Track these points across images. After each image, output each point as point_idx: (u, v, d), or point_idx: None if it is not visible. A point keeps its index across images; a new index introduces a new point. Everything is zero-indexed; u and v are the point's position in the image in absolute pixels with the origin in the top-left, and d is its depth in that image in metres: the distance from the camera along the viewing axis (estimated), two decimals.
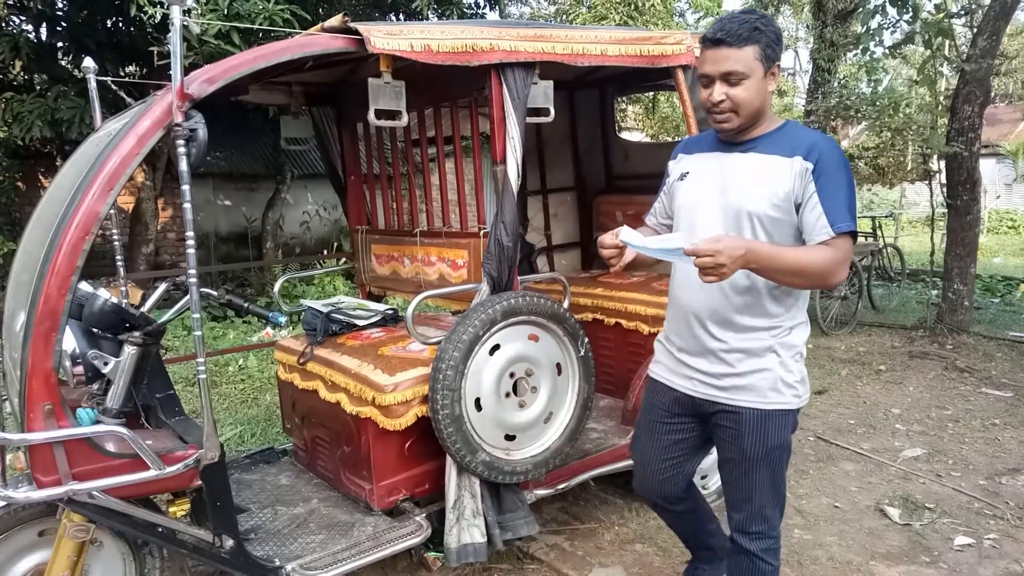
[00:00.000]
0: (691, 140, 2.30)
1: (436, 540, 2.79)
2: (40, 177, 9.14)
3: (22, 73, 8.23)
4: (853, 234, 1.90)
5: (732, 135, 2.03)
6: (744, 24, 1.89)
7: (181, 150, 2.06)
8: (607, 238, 2.00)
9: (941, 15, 6.25)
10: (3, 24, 7.17)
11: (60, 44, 8.00)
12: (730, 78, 1.92)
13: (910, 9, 6.28)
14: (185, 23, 2.06)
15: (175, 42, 2.02)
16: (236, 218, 10.62)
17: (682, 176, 2.18)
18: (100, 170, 2.02)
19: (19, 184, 8.51)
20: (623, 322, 3.60)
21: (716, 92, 1.95)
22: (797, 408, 2.08)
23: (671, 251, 1.84)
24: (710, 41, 1.93)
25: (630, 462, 3.16)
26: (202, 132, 2.09)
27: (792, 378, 2.05)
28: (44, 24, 7.75)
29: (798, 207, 1.92)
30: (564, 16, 12.96)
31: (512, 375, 2.73)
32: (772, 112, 2.03)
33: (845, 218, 1.87)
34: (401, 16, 8.71)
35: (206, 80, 2.08)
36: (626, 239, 1.94)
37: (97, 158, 2.07)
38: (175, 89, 2.04)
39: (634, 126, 16.52)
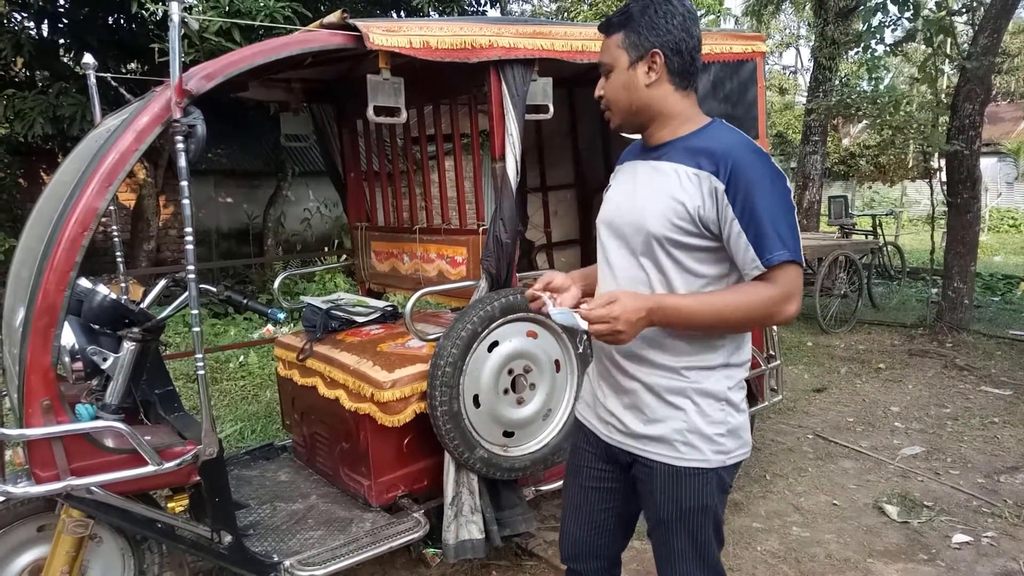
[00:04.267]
0: (631, 145, 1.88)
1: (434, 536, 2.80)
2: (42, 174, 9.14)
3: (24, 70, 8.23)
4: (799, 263, 1.52)
5: (647, 140, 1.72)
6: (619, 10, 1.66)
7: (180, 146, 2.06)
8: (534, 291, 1.71)
9: (942, 12, 6.24)
10: (5, 21, 7.17)
11: (61, 41, 8.01)
12: (601, 70, 1.69)
13: (911, 7, 6.28)
14: (184, 19, 2.06)
15: (173, 38, 2.02)
16: (237, 215, 10.62)
17: (606, 189, 1.85)
18: (99, 166, 2.03)
19: (21, 181, 8.52)
20: None
21: (598, 87, 1.73)
22: (719, 467, 1.66)
23: (567, 316, 1.54)
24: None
25: None
26: (201, 128, 2.09)
27: (712, 430, 1.65)
28: (46, 21, 7.75)
29: (719, 232, 1.56)
30: (565, 13, 12.97)
31: (511, 372, 2.73)
32: (693, 111, 1.69)
33: (776, 246, 1.50)
34: (402, 13, 8.70)
35: (204, 76, 2.09)
36: (549, 309, 1.60)
37: (96, 154, 2.07)
38: (173, 85, 2.04)
39: None
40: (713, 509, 1.70)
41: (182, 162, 2.08)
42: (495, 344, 2.69)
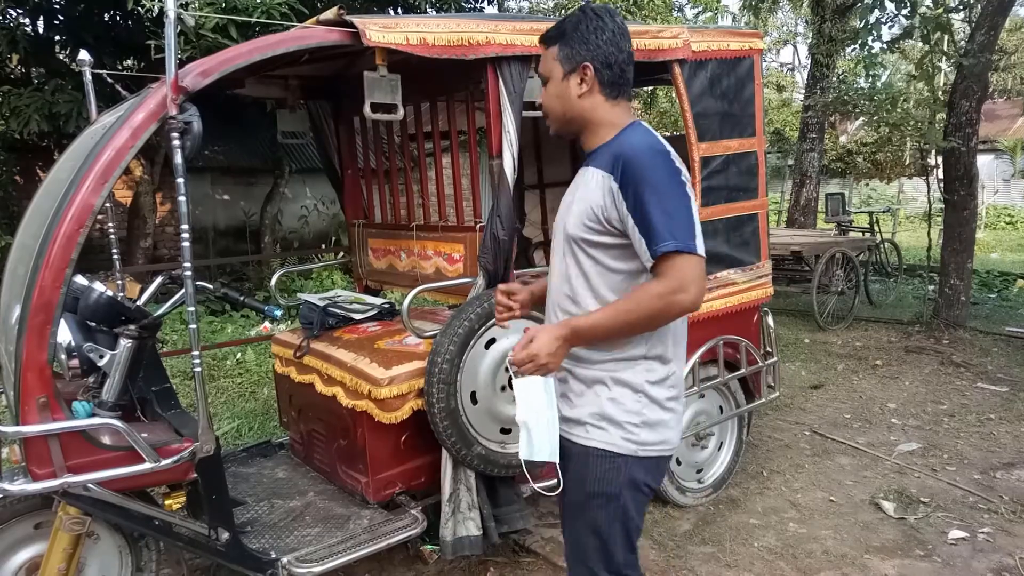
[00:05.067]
0: None
1: (432, 533, 2.80)
2: (38, 171, 9.11)
3: (19, 67, 8.21)
4: (690, 252, 1.55)
5: (584, 147, 1.80)
6: (555, 24, 1.76)
7: (176, 143, 2.06)
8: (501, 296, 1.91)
9: (939, 10, 6.24)
10: (0, 17, 7.15)
11: (57, 38, 7.97)
12: (540, 80, 1.81)
13: (908, 4, 6.28)
14: (180, 16, 2.05)
15: (169, 34, 2.01)
16: (234, 212, 10.60)
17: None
18: (94, 163, 2.02)
19: (17, 178, 8.50)
20: None
21: (537, 95, 1.82)
22: (629, 455, 1.70)
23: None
24: None
25: None
26: (197, 125, 2.09)
27: (624, 417, 1.70)
28: (41, 17, 7.73)
29: (624, 229, 1.64)
30: (563, 10, 12.94)
31: (507, 368, 2.73)
32: (622, 119, 1.74)
33: (663, 237, 1.54)
34: (399, 10, 8.68)
35: (200, 73, 2.08)
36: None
37: (91, 151, 2.07)
38: (169, 82, 2.04)
39: None
40: (619, 502, 1.72)
41: (178, 159, 2.07)
42: (492, 341, 2.69)
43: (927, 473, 3.85)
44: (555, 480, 1.80)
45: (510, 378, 2.73)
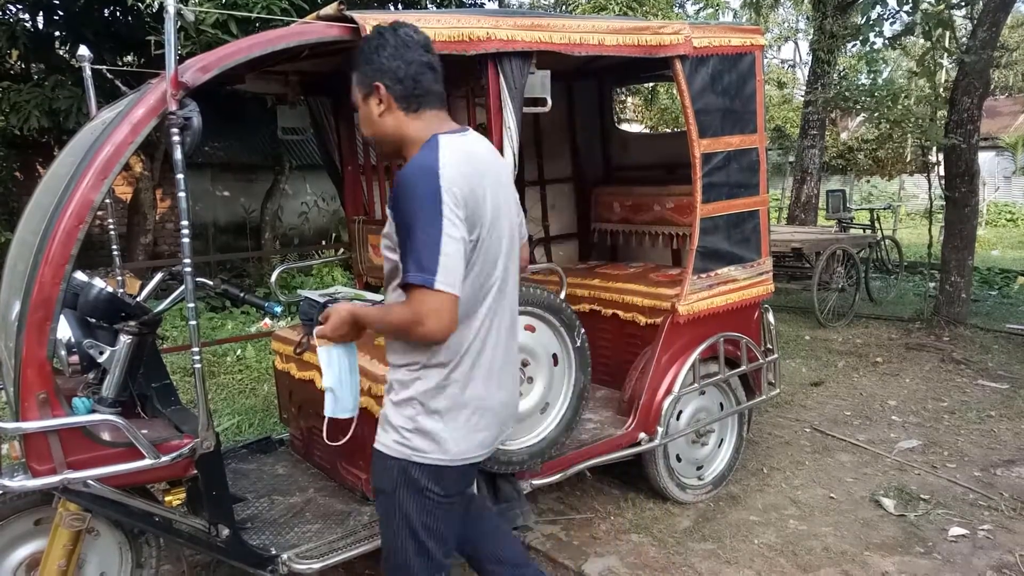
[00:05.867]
0: None
1: None
2: (38, 167, 9.10)
3: (19, 63, 8.19)
4: (428, 286, 1.58)
5: None
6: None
7: (175, 139, 2.05)
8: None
9: (941, 6, 6.23)
10: (1, 13, 7.14)
11: (57, 33, 7.96)
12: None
13: (910, 0, 6.27)
14: (180, 11, 2.04)
15: (169, 30, 2.00)
16: (234, 208, 10.60)
17: None
18: (94, 159, 2.01)
19: (16, 174, 8.49)
20: (620, 313, 3.61)
21: None
22: (402, 459, 1.76)
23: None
24: None
25: (626, 452, 3.19)
26: (197, 121, 2.08)
27: (397, 421, 1.77)
28: (41, 13, 7.71)
29: None
30: (563, 6, 12.91)
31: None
32: (427, 131, 1.76)
33: (410, 268, 1.60)
34: (399, 6, 8.66)
35: (200, 68, 2.07)
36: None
37: (91, 147, 2.06)
38: (169, 77, 2.03)
39: (633, 117, 16.49)
40: (395, 501, 1.79)
41: (178, 155, 2.07)
42: None
43: (927, 470, 3.85)
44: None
45: None
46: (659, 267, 4.01)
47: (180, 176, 2.07)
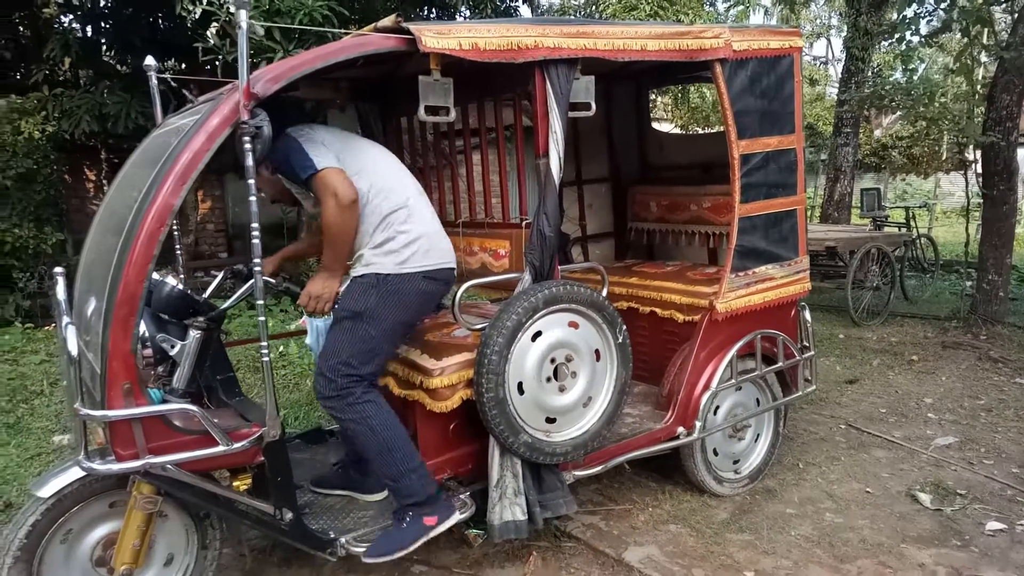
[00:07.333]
0: None
1: (476, 518, 2.91)
2: (85, 170, 9.39)
3: (69, 70, 8.49)
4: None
5: None
6: None
7: (247, 146, 2.19)
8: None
9: (979, 2, 6.19)
10: (54, 24, 7.42)
11: (104, 40, 8.23)
12: None
13: None
14: (251, 26, 2.18)
15: (241, 45, 2.14)
16: (272, 210, 10.79)
17: None
18: (173, 166, 2.16)
19: (66, 177, 8.78)
20: (658, 311, 3.69)
21: None
22: None
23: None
24: None
25: (665, 446, 3.28)
26: (267, 129, 2.23)
27: None
28: (90, 22, 7.99)
29: None
30: (594, 7, 12.96)
31: (553, 360, 2.83)
32: None
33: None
34: (433, 11, 8.80)
35: (271, 79, 2.21)
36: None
37: (169, 154, 2.21)
38: (242, 88, 2.17)
39: (663, 116, 16.48)
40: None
41: (249, 161, 2.21)
42: (538, 334, 2.79)
43: (964, 466, 3.88)
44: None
45: (555, 369, 2.85)
46: (696, 266, 4.09)
47: (251, 181, 2.22)
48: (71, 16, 7.84)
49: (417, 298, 2.67)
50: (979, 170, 6.69)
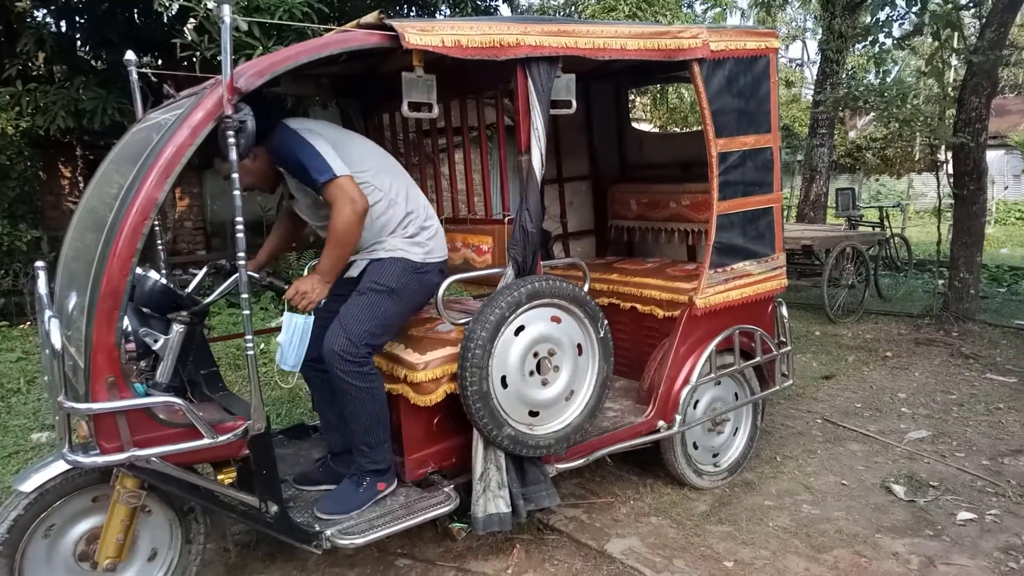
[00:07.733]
0: None
1: (460, 512, 2.94)
2: (60, 166, 9.27)
3: (43, 65, 8.38)
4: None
5: None
6: None
7: (231, 141, 2.20)
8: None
9: (949, 7, 6.33)
10: (27, 18, 7.31)
11: (79, 36, 8.12)
12: None
13: (918, 1, 6.36)
14: (234, 21, 2.19)
15: (224, 40, 2.15)
16: (251, 207, 10.74)
17: None
18: (156, 159, 2.16)
19: (40, 173, 8.66)
20: (638, 306, 3.74)
21: None
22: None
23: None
24: None
25: (646, 439, 3.32)
26: (250, 124, 2.24)
27: None
28: (65, 17, 7.89)
29: None
30: (573, 7, 13.03)
31: (536, 354, 2.86)
32: None
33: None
34: (414, 9, 8.80)
35: (255, 74, 2.22)
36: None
37: (152, 148, 2.21)
38: (225, 83, 2.18)
39: (642, 116, 16.59)
40: None
41: (233, 156, 2.22)
42: (521, 328, 2.82)
43: (936, 459, 3.97)
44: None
45: (538, 363, 2.89)
46: (675, 262, 4.14)
47: (235, 176, 2.23)
48: (45, 11, 7.72)
49: (432, 288, 2.84)
50: (950, 171, 6.83)
